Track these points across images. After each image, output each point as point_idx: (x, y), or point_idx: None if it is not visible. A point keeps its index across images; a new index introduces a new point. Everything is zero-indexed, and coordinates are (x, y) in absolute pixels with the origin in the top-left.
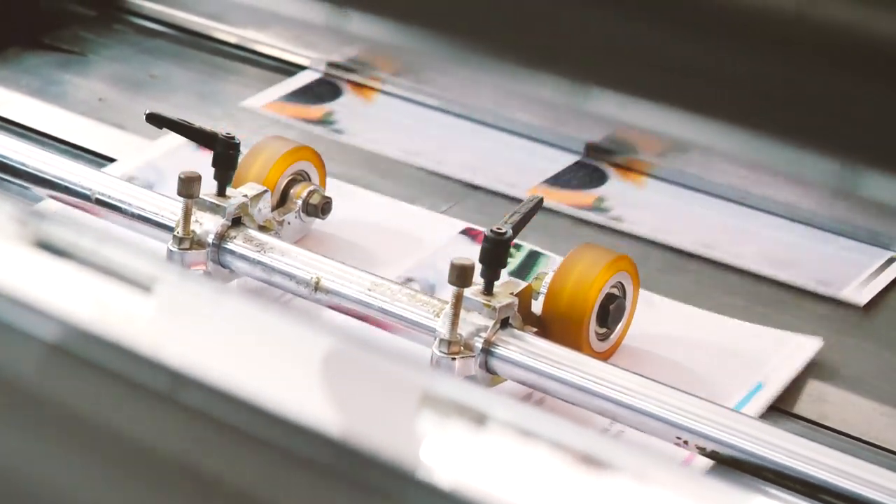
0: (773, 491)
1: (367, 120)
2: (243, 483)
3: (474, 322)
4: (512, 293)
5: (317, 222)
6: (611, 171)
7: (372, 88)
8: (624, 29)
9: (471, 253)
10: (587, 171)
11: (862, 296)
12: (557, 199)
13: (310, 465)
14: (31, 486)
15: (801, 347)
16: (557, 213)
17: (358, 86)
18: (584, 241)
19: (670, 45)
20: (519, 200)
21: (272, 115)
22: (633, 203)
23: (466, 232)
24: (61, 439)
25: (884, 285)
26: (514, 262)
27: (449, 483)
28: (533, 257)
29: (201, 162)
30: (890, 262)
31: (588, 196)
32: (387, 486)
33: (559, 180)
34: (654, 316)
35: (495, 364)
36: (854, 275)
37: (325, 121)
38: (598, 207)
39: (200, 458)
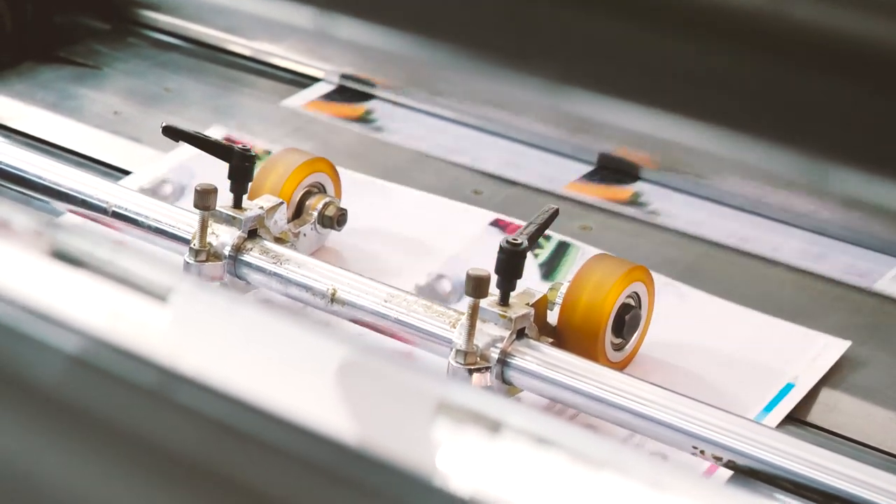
0: (791, 501)
1: (406, 120)
2: (259, 490)
3: (490, 333)
4: (528, 304)
5: (332, 234)
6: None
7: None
8: (634, 38)
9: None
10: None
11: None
12: (594, 193)
13: (327, 472)
14: (52, 492)
15: (828, 348)
16: (594, 208)
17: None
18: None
19: (684, 55)
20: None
21: (313, 113)
22: (670, 198)
23: (496, 223)
24: (80, 447)
25: None
26: (543, 253)
27: (465, 491)
28: (562, 249)
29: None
30: None
31: (625, 191)
32: (403, 494)
33: (595, 176)
34: (684, 309)
35: (511, 375)
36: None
37: (364, 119)
38: (634, 202)
39: (216, 466)
